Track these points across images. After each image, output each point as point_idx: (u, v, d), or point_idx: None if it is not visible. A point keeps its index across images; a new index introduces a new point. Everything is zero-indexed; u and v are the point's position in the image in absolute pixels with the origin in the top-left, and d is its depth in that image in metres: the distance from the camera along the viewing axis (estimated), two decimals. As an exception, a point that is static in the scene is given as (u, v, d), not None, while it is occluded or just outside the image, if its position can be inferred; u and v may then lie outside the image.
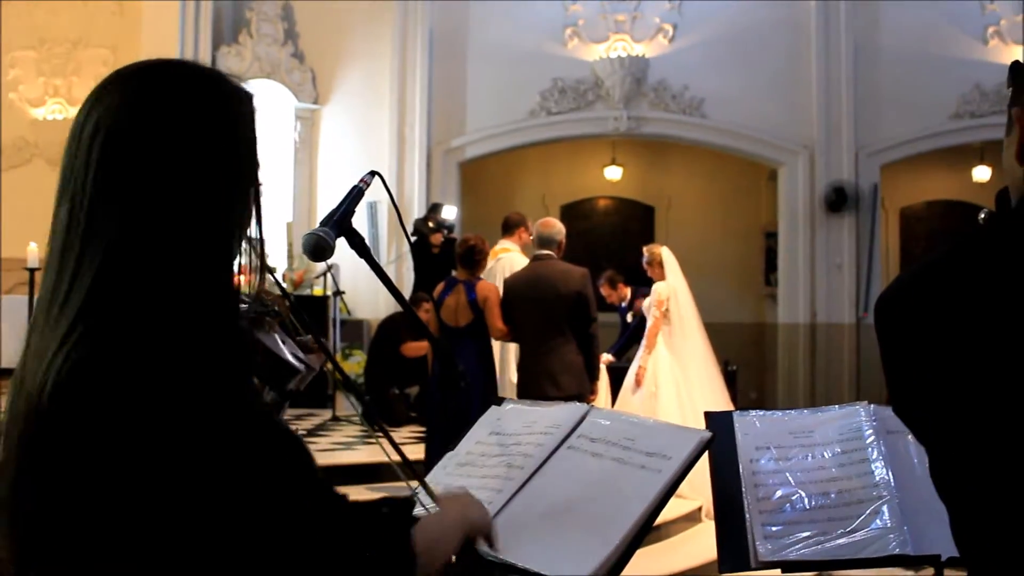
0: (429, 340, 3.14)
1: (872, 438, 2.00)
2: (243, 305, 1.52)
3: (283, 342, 1.60)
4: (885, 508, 1.86)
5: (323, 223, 1.96)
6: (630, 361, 8.68)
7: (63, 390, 1.21)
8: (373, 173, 2.10)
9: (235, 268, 1.35)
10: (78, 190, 1.28)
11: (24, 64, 13.13)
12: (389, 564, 1.38)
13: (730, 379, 10.72)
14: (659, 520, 6.69)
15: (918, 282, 1.26)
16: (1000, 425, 1.16)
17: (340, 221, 1.95)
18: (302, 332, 1.77)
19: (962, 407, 1.19)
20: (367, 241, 1.92)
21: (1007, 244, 1.24)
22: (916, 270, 1.29)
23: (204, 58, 12.10)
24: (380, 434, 1.78)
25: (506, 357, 7.67)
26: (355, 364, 10.74)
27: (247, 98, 1.40)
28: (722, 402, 7.97)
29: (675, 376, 8.07)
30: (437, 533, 1.56)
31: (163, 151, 1.28)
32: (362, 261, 1.96)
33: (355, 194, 2.02)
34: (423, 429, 7.96)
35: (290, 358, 1.53)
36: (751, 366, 14.18)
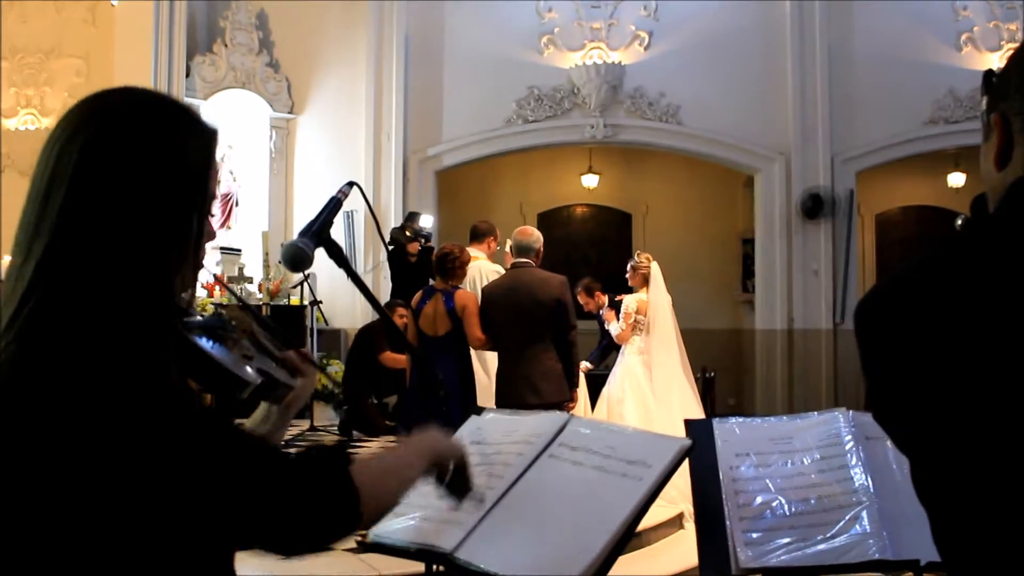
0: (407, 349, 3.13)
1: (851, 444, 2.01)
2: (194, 317, 1.56)
3: (244, 358, 1.63)
4: (864, 514, 1.87)
5: (302, 234, 1.96)
6: (608, 368, 8.71)
7: None
8: (351, 184, 2.10)
9: (172, 282, 1.42)
10: (35, 200, 1.38)
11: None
12: (332, 497, 1.43)
13: (708, 385, 10.75)
14: (641, 526, 6.66)
15: (897, 289, 1.27)
16: (980, 431, 1.16)
17: (319, 232, 1.95)
18: (277, 346, 1.79)
19: (942, 413, 1.19)
20: (344, 250, 1.92)
21: (985, 250, 1.25)
22: (894, 277, 1.29)
23: (178, 68, 12.04)
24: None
25: (486, 367, 7.65)
26: (333, 374, 10.71)
27: (202, 130, 1.48)
28: (692, 414, 8.00)
29: (639, 384, 8.13)
30: (389, 464, 1.62)
31: (100, 163, 1.37)
32: (339, 270, 1.96)
33: (333, 205, 2.02)
34: (397, 439, 7.93)
35: (240, 370, 1.56)
36: (729, 372, 14.22)
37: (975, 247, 1.28)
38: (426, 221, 11.60)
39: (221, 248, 12.53)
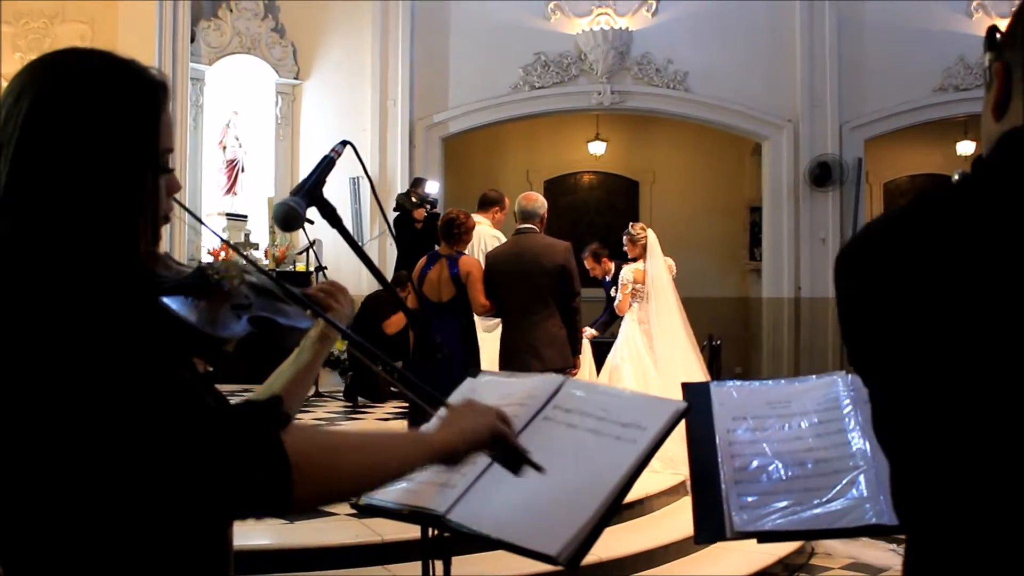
0: (405, 313, 3.11)
1: (849, 408, 1.98)
2: (168, 274, 1.52)
3: (234, 308, 1.60)
4: (862, 478, 1.84)
5: (293, 193, 1.94)
6: (614, 336, 8.71)
7: None
8: (344, 143, 2.08)
9: (133, 239, 1.39)
10: None
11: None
12: (254, 462, 1.28)
13: (714, 354, 10.72)
14: (643, 494, 6.66)
15: (879, 233, 1.25)
16: (950, 377, 1.15)
17: (311, 190, 1.93)
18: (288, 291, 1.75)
19: (915, 356, 1.18)
20: (349, 217, 1.90)
21: (972, 196, 1.22)
22: (878, 222, 1.28)
23: (183, 33, 11.98)
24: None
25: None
26: (338, 342, 10.70)
27: (148, 84, 1.45)
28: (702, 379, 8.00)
29: (637, 353, 8.13)
30: (363, 442, 1.47)
31: (47, 120, 1.35)
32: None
33: (326, 163, 2.00)
34: (406, 405, 7.95)
35: (211, 327, 1.52)
36: (736, 341, 14.20)
37: (961, 195, 1.26)
38: (432, 187, 11.58)
39: (227, 214, 12.53)
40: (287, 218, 1.85)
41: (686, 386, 2.10)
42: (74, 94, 1.37)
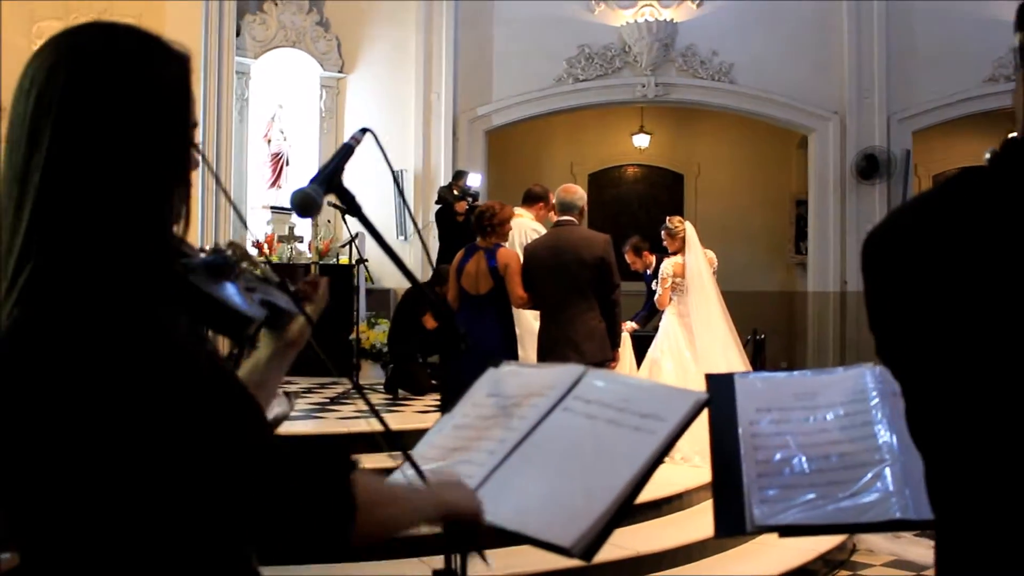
0: (427, 302, 3.10)
1: (876, 400, 1.94)
2: (194, 256, 1.52)
3: (247, 290, 1.60)
4: (887, 472, 1.80)
5: (312, 180, 1.92)
6: (655, 330, 8.66)
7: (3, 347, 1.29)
8: (364, 130, 2.06)
9: (169, 218, 1.40)
10: (14, 140, 1.35)
11: (51, 33, 13.13)
12: (326, 502, 1.37)
13: (758, 348, 10.64)
14: (682, 488, 6.61)
15: (909, 217, 1.22)
16: (983, 364, 1.11)
17: (329, 177, 1.91)
18: (275, 280, 1.77)
19: (945, 344, 1.14)
20: (393, 210, 1.89)
21: (1005, 180, 1.18)
22: (907, 206, 1.25)
23: (229, 27, 12.05)
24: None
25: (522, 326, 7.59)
26: (379, 333, 10.72)
27: (176, 59, 1.44)
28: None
29: (677, 346, 8.09)
30: (400, 494, 1.59)
31: (85, 103, 1.34)
32: (387, 229, 1.92)
33: (345, 151, 1.98)
34: (439, 397, 7.95)
35: (245, 307, 1.53)
36: (780, 335, 14.07)
37: (989, 178, 1.22)
38: (473, 180, 11.56)
39: (272, 207, 12.59)
40: (303, 204, 1.82)
41: (710, 377, 2.07)
42: (109, 69, 1.35)
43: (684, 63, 13.30)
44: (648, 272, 10.30)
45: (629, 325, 8.56)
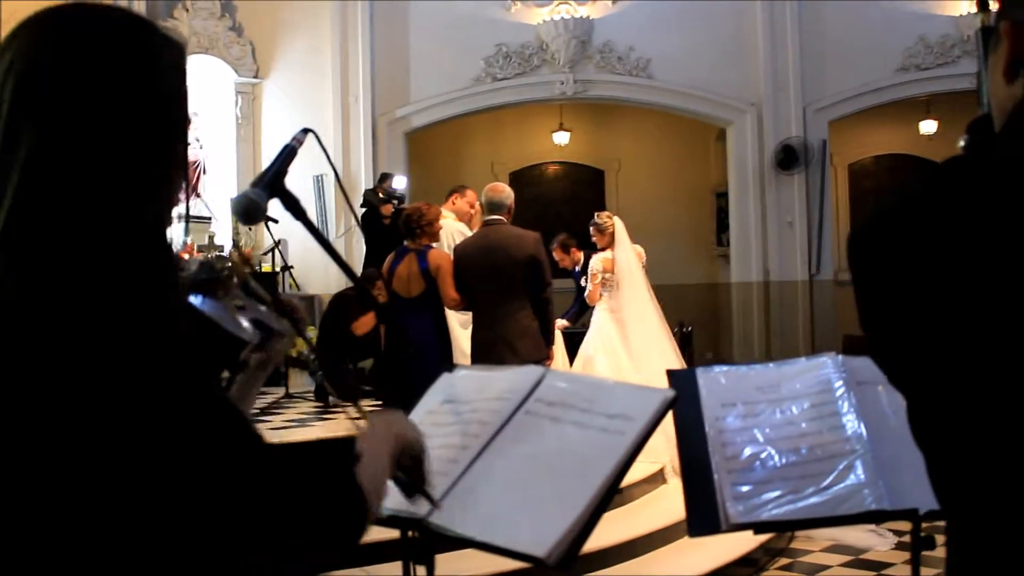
0: (374, 308, 3.02)
1: (842, 390, 1.92)
2: (185, 271, 1.41)
3: (237, 309, 1.48)
4: (859, 462, 1.78)
5: (254, 184, 1.83)
6: (585, 326, 8.65)
7: None
8: (306, 131, 1.97)
9: (164, 220, 1.28)
10: None
11: (21, 15, 12.71)
12: (342, 505, 1.32)
13: (685, 340, 10.69)
14: (622, 484, 6.58)
15: (896, 213, 1.17)
16: (982, 364, 1.07)
17: (272, 181, 1.82)
18: (267, 300, 1.65)
19: (942, 345, 1.10)
20: (315, 215, 1.79)
21: (991, 170, 1.14)
22: (893, 201, 1.20)
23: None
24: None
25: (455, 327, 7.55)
26: (299, 341, 10.55)
27: (171, 46, 1.31)
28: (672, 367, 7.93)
29: (610, 342, 8.07)
30: (373, 457, 1.48)
31: (69, 94, 1.20)
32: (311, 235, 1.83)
33: (287, 153, 1.89)
34: (378, 402, 7.84)
35: (237, 329, 1.41)
36: (706, 327, 14.17)
37: (979, 167, 1.18)
38: (399, 182, 11.46)
39: (191, 216, 12.35)
40: (247, 210, 1.73)
41: (672, 373, 2.02)
42: (98, 56, 1.22)
43: (602, 59, 13.33)
44: (577, 269, 10.30)
45: (560, 323, 8.53)
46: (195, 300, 1.40)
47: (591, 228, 8.38)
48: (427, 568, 1.77)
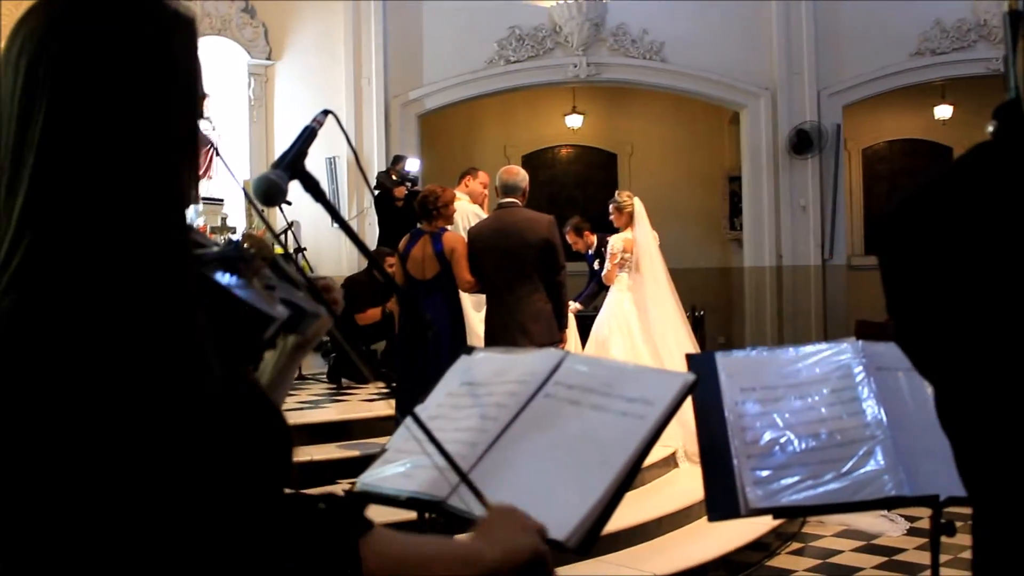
0: (394, 291, 3.02)
1: (862, 375, 1.91)
2: (205, 248, 1.38)
3: (266, 288, 1.45)
4: (879, 448, 1.77)
5: (274, 166, 1.83)
6: (597, 309, 8.63)
7: None
8: (326, 112, 1.97)
9: (182, 202, 1.25)
10: (6, 116, 1.19)
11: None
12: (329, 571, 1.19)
13: (697, 324, 10.67)
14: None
15: (925, 198, 1.16)
16: (1011, 350, 1.06)
17: (292, 163, 1.82)
18: (299, 280, 1.62)
19: (971, 331, 1.09)
20: (328, 197, 1.77)
21: (1021, 155, 1.14)
22: (923, 185, 1.19)
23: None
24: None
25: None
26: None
27: (183, 22, 1.30)
28: (688, 351, 7.89)
29: (626, 324, 8.03)
30: (430, 560, 1.29)
31: (83, 73, 1.18)
32: (324, 217, 1.82)
33: (307, 134, 1.89)
34: (390, 386, 7.86)
35: (265, 307, 1.37)
36: (718, 311, 14.16)
37: (1009, 153, 1.17)
38: (412, 165, 11.44)
39: (203, 198, 12.35)
40: (268, 192, 1.72)
41: (691, 357, 2.02)
42: (111, 35, 1.20)
43: (615, 42, 13.27)
44: (590, 252, 10.28)
45: (573, 306, 8.52)
46: (221, 277, 1.37)
47: (610, 207, 8.34)
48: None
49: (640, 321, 8.01)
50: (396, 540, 1.27)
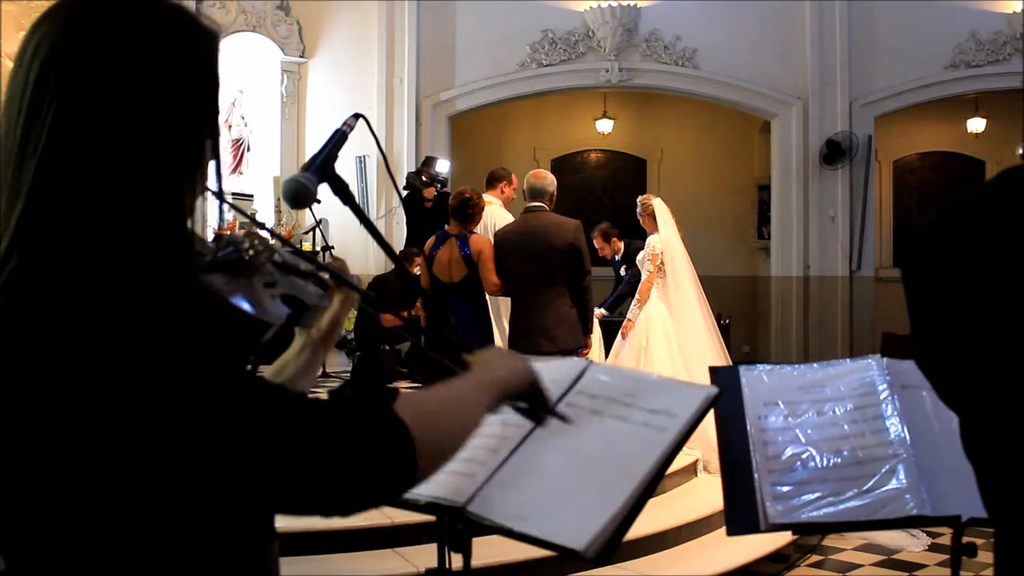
0: (419, 293, 3.02)
1: (886, 393, 1.90)
2: (205, 253, 1.39)
3: (266, 286, 1.45)
4: (901, 467, 1.76)
5: (304, 168, 1.84)
6: (623, 315, 8.56)
7: None
8: (357, 115, 1.98)
9: (188, 209, 1.25)
10: (14, 115, 1.20)
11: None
12: (379, 446, 1.20)
13: (723, 332, 10.62)
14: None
15: (953, 222, 1.15)
16: None
17: (322, 166, 1.83)
18: (302, 268, 1.62)
19: (995, 354, 1.08)
20: (356, 196, 1.78)
21: None
22: (950, 209, 1.18)
23: (188, 10, 11.85)
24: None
25: (497, 311, 7.54)
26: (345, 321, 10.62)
27: (204, 35, 1.30)
28: (717, 357, 7.79)
29: (667, 331, 7.88)
30: (447, 401, 1.38)
31: (94, 78, 1.18)
32: (352, 216, 1.84)
33: (338, 138, 1.90)
34: (415, 386, 7.87)
35: (263, 312, 1.38)
36: (744, 319, 14.12)
37: None
38: (442, 166, 11.46)
39: (233, 194, 12.42)
40: (297, 194, 1.74)
41: (714, 370, 2.02)
42: (128, 37, 1.20)
43: (648, 48, 13.25)
44: (617, 258, 10.25)
45: (598, 311, 8.47)
46: (217, 281, 1.37)
47: (638, 210, 8.18)
48: (463, 556, 1.77)
49: (679, 328, 7.82)
50: (422, 399, 1.35)
